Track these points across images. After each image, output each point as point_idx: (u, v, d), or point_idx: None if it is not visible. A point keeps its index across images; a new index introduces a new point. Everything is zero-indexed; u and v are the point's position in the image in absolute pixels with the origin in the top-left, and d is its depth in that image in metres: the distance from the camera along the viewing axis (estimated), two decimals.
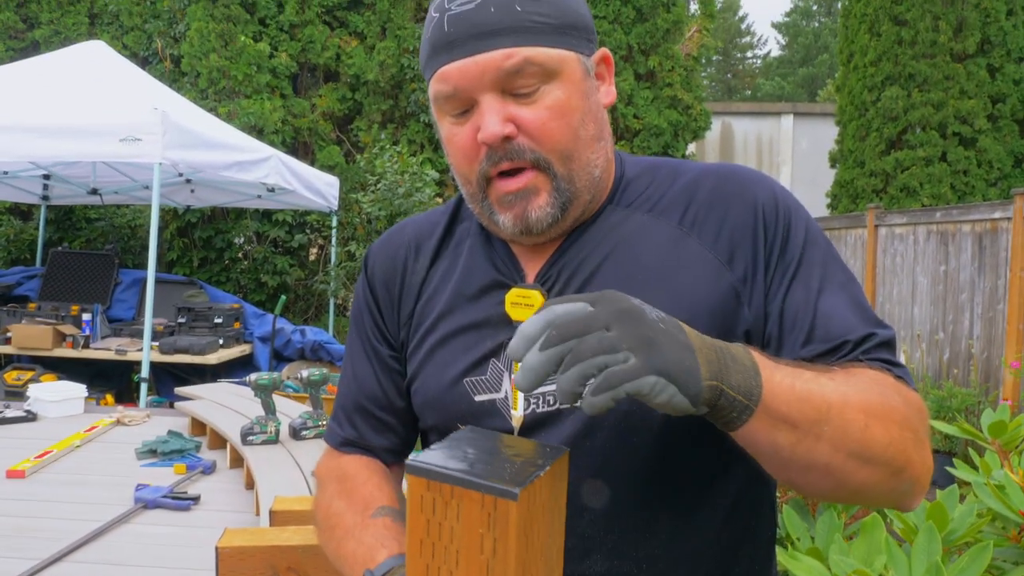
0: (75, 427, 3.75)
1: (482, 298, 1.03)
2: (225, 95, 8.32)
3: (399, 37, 8.68)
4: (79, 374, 6.02)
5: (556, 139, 0.94)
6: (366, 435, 1.13)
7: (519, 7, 0.92)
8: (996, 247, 6.32)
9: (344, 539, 0.99)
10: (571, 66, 0.95)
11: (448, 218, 1.12)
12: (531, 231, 0.97)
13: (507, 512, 0.69)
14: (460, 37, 0.93)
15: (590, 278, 0.98)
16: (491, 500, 0.69)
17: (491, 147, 0.93)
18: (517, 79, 0.92)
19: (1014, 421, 1.76)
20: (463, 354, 1.02)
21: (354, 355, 1.16)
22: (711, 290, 0.95)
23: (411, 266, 1.11)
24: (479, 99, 0.94)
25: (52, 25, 8.58)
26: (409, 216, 5.79)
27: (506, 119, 0.93)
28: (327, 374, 3.30)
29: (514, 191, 0.95)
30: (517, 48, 0.92)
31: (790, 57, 32.26)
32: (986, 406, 5.78)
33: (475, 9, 0.92)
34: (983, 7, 9.38)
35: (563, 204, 0.96)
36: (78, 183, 6.80)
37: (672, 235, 0.99)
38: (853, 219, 8.33)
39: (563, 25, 0.95)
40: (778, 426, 0.77)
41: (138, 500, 2.72)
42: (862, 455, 0.81)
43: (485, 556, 0.70)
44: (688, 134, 9.21)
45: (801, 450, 0.79)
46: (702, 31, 9.51)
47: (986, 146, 9.38)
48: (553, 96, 0.94)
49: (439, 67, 0.95)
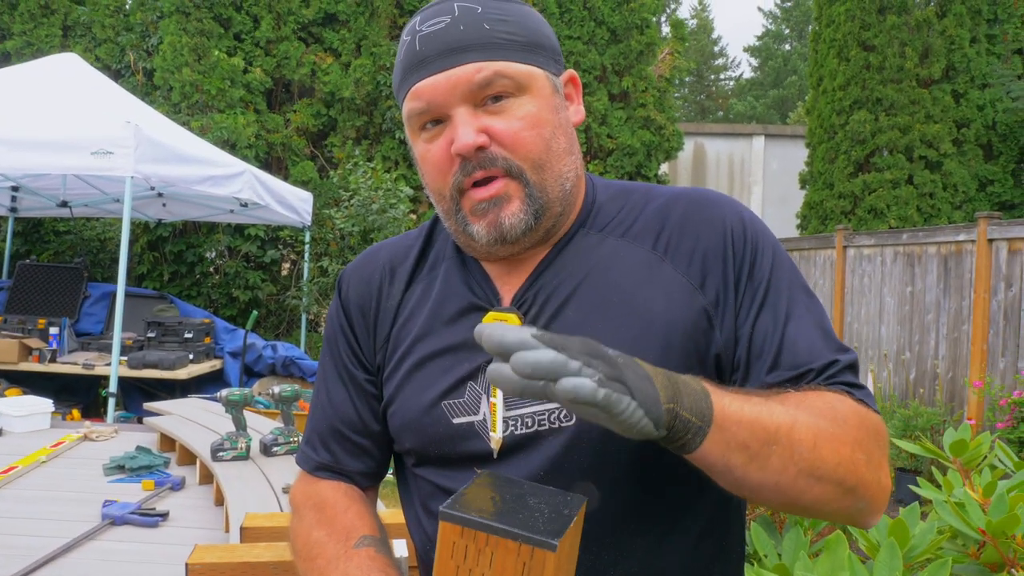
0: (41, 442, 3.70)
1: (459, 321, 1.03)
2: (198, 109, 8.29)
3: (374, 54, 8.70)
4: (45, 388, 5.93)
5: (528, 148, 0.96)
6: (341, 460, 1.12)
7: (487, 25, 0.95)
8: (961, 269, 6.44)
9: (326, 570, 0.99)
10: (540, 82, 0.98)
11: (422, 241, 1.13)
12: (505, 239, 0.98)
13: (543, 562, 0.70)
14: (431, 55, 0.95)
15: (566, 301, 0.99)
16: (528, 550, 0.71)
17: (464, 158, 0.95)
18: (488, 91, 0.95)
19: (975, 440, 1.80)
20: (440, 377, 1.02)
21: (328, 379, 1.15)
22: (685, 314, 0.97)
23: (386, 290, 1.11)
24: (452, 113, 0.96)
25: (24, 36, 8.51)
26: (382, 232, 5.75)
27: (479, 130, 0.95)
28: (299, 390, 3.29)
29: (487, 198, 0.97)
30: (487, 63, 0.95)
31: (762, 79, 32.72)
32: (951, 425, 5.86)
33: (445, 28, 0.95)
34: (948, 34, 9.60)
35: (536, 212, 0.98)
36: (47, 195, 6.73)
37: (646, 259, 1.00)
38: (822, 240, 8.45)
39: (530, 43, 0.98)
40: (731, 447, 0.80)
41: (105, 516, 2.69)
42: (812, 474, 0.84)
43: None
44: (661, 154, 9.31)
45: (753, 469, 0.82)
46: (674, 54, 9.64)
47: (951, 170, 9.57)
48: (524, 108, 0.96)
49: (412, 85, 0.97)
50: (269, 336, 8.37)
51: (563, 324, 0.98)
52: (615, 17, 9.07)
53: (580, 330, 0.95)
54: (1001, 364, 5.94)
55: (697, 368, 0.95)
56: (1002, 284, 5.98)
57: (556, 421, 0.96)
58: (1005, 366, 5.90)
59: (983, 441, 1.80)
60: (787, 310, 0.97)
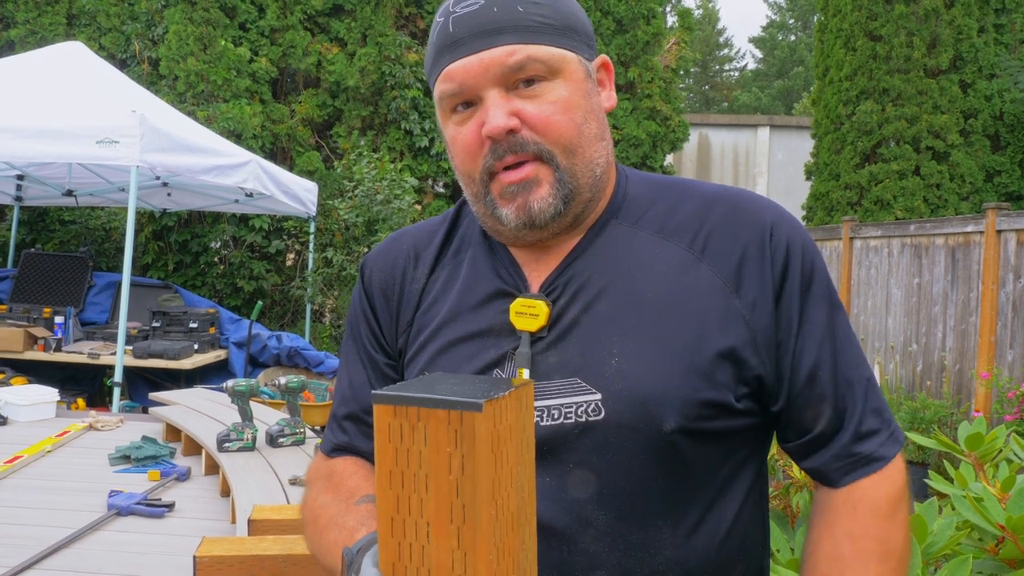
0: (47, 431, 3.69)
1: (486, 307, 1.02)
2: (203, 99, 8.26)
3: (380, 44, 8.66)
4: (50, 378, 5.93)
5: (559, 132, 0.95)
6: (356, 441, 1.12)
7: (521, 8, 0.94)
8: (968, 260, 6.41)
9: (327, 528, 0.99)
10: (572, 66, 0.97)
11: (447, 227, 1.12)
12: (534, 223, 0.96)
13: (472, 425, 0.68)
14: (464, 36, 0.94)
15: (599, 295, 0.98)
16: (457, 415, 0.68)
17: (495, 141, 0.94)
18: (520, 75, 0.94)
19: (990, 434, 1.78)
20: (466, 362, 1.01)
21: (349, 363, 1.15)
22: (720, 315, 0.95)
23: (410, 274, 1.10)
24: (484, 95, 0.95)
25: (28, 25, 8.48)
26: (387, 223, 5.74)
27: (510, 113, 0.94)
28: (305, 381, 3.28)
29: (516, 182, 0.95)
30: (520, 45, 0.94)
31: (766, 70, 32.58)
32: (959, 417, 5.85)
33: (479, 10, 0.94)
34: (956, 24, 9.53)
35: (565, 196, 0.96)
36: (53, 184, 6.72)
37: (682, 259, 0.98)
38: (828, 231, 8.42)
39: (564, 27, 0.97)
40: None
41: (111, 507, 2.69)
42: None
43: (454, 476, 0.69)
44: (666, 145, 9.27)
45: None
46: (680, 43, 9.59)
47: (958, 160, 9.52)
48: (556, 92, 0.95)
49: (445, 66, 0.96)
50: (274, 326, 8.36)
51: (595, 317, 0.96)
52: (621, 7, 9.02)
53: (613, 324, 0.95)
54: (1009, 356, 5.91)
55: (727, 367, 0.94)
56: (1011, 275, 5.94)
57: (584, 415, 0.94)
58: (1013, 358, 5.88)
59: (998, 435, 1.78)
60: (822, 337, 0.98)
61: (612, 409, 0.93)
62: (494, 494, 0.70)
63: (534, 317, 0.96)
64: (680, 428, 0.92)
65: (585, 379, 0.94)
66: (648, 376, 0.92)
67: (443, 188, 9.18)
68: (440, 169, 8.87)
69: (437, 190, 9.14)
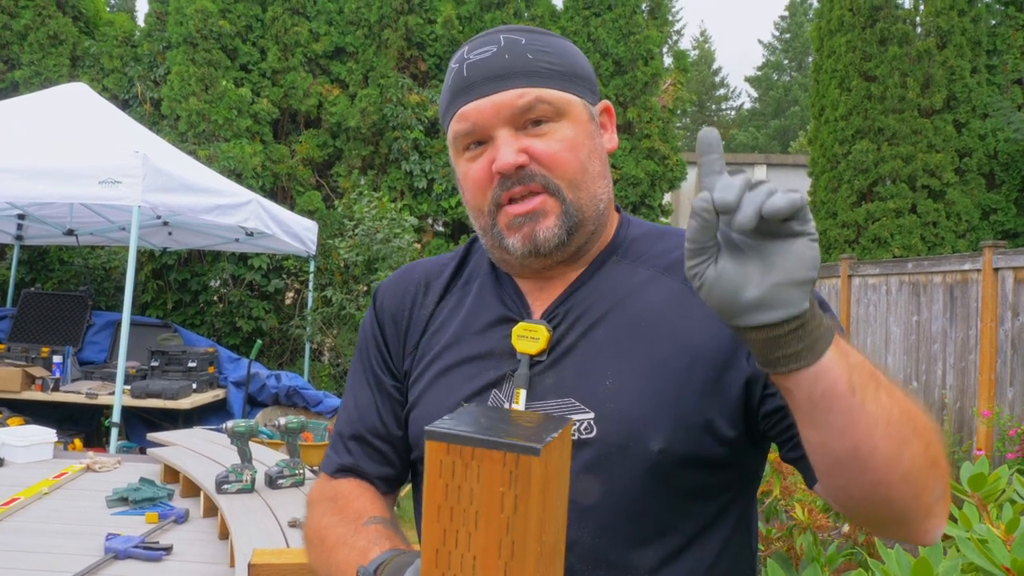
0: (44, 473, 3.67)
1: (489, 332, 1.07)
2: (204, 138, 8.33)
3: (381, 85, 8.76)
4: (46, 417, 5.90)
5: (566, 168, 1.02)
6: (361, 462, 1.15)
7: (530, 55, 1.02)
8: (967, 298, 6.42)
9: (336, 548, 1.01)
10: (577, 108, 1.04)
11: (458, 260, 1.18)
12: (538, 251, 1.02)
13: (529, 468, 0.71)
14: (477, 80, 1.02)
15: (597, 322, 1.03)
16: (513, 458, 0.72)
17: (504, 175, 1.00)
18: (529, 115, 1.01)
19: (993, 474, 1.77)
20: (466, 383, 1.05)
21: (356, 384, 1.19)
22: (712, 343, 0.99)
23: (420, 300, 1.16)
24: (495, 134, 1.01)
25: (33, 66, 8.58)
26: (386, 262, 5.76)
27: (520, 150, 1.00)
28: (304, 421, 3.27)
29: (523, 213, 1.01)
30: (529, 88, 1.01)
31: (762, 109, 32.92)
32: (960, 456, 5.81)
33: (491, 57, 1.02)
34: (949, 65, 9.66)
35: (569, 228, 1.02)
36: (54, 223, 6.75)
37: (678, 289, 1.03)
38: (827, 269, 8.45)
39: (569, 73, 1.05)
40: (851, 365, 0.78)
41: (108, 550, 2.66)
42: (910, 421, 0.82)
43: (506, 514, 0.72)
44: (665, 184, 9.34)
45: (870, 395, 0.79)
46: (676, 84, 9.70)
47: (954, 199, 9.59)
48: (562, 132, 1.02)
49: (459, 108, 1.03)
50: (273, 365, 8.34)
51: (591, 342, 1.01)
52: (620, 48, 9.13)
53: (608, 348, 0.99)
54: (1009, 393, 5.90)
55: (717, 394, 0.97)
56: (1009, 313, 5.95)
57: (576, 433, 0.97)
58: (1013, 396, 5.86)
59: (1001, 475, 1.78)
60: None
61: (603, 428, 0.96)
62: (541, 531, 0.73)
63: (534, 341, 1.01)
64: (667, 449, 0.95)
65: (579, 399, 0.98)
66: (639, 397, 0.96)
67: (443, 227, 9.21)
68: (440, 208, 8.92)
69: (437, 229, 9.18)
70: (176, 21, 8.49)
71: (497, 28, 1.06)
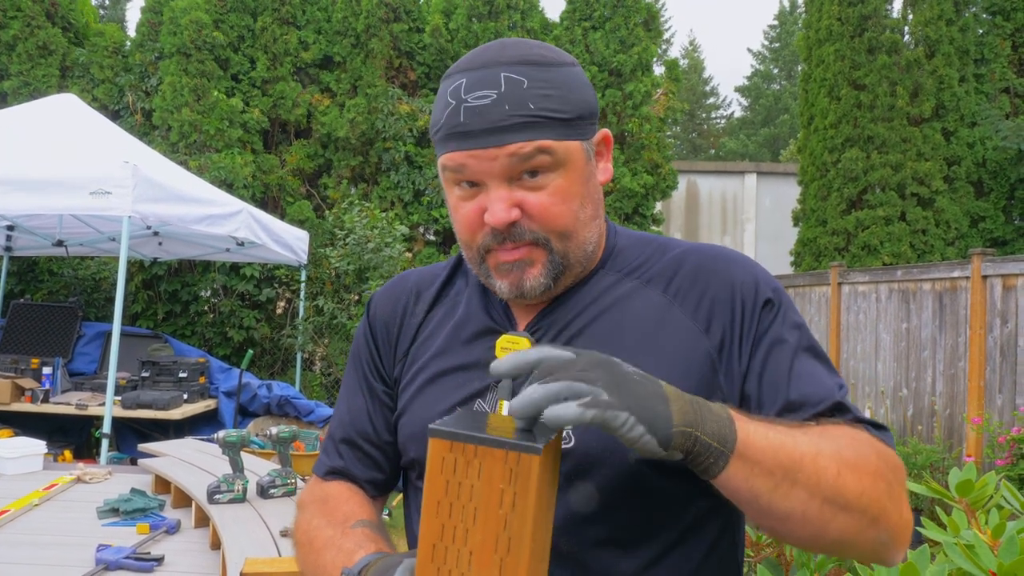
0: (33, 484, 3.65)
1: (475, 343, 1.09)
2: (196, 149, 8.33)
3: (369, 95, 8.77)
4: (36, 429, 5.86)
5: (557, 222, 1.01)
6: (351, 466, 1.18)
7: (532, 104, 0.97)
8: (956, 305, 6.46)
9: (323, 550, 1.03)
10: (575, 155, 1.02)
11: (449, 271, 1.20)
12: (524, 297, 1.04)
13: (529, 467, 0.75)
14: (475, 130, 0.98)
15: (578, 333, 1.05)
16: (515, 456, 0.75)
17: (495, 228, 1.00)
18: (525, 166, 0.98)
19: (980, 480, 1.79)
20: (452, 392, 1.08)
21: (349, 390, 1.22)
22: (690, 355, 1.01)
23: (411, 309, 1.18)
24: (488, 184, 1.00)
25: (21, 77, 8.56)
26: (377, 271, 5.77)
27: (512, 205, 0.99)
28: (296, 431, 3.26)
29: (511, 261, 1.02)
30: (528, 142, 0.97)
31: (752, 118, 33.06)
32: (950, 463, 5.84)
33: (491, 105, 0.97)
34: (938, 74, 9.73)
35: (555, 275, 1.04)
36: (43, 234, 6.72)
37: (657, 302, 1.05)
38: (817, 277, 8.48)
39: (572, 117, 1.01)
40: (755, 473, 0.83)
41: (99, 561, 2.65)
42: (837, 502, 0.86)
43: (504, 511, 0.75)
44: (657, 193, 9.37)
45: (778, 496, 0.84)
46: (668, 94, 9.74)
47: (943, 206, 9.65)
48: (556, 184, 1.00)
49: (451, 151, 1.00)
50: (264, 375, 8.32)
51: None
52: (619, 59, 9.16)
53: None
54: (999, 400, 5.93)
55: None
56: (997, 320, 5.99)
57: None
58: (1003, 402, 5.90)
59: (989, 481, 1.79)
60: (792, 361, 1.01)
61: (580, 438, 0.99)
62: (535, 529, 0.76)
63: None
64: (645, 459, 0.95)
65: None
66: None
67: (434, 236, 9.22)
68: (431, 218, 8.93)
69: (428, 238, 9.19)
70: (169, 31, 8.49)
71: (496, 57, 0.99)
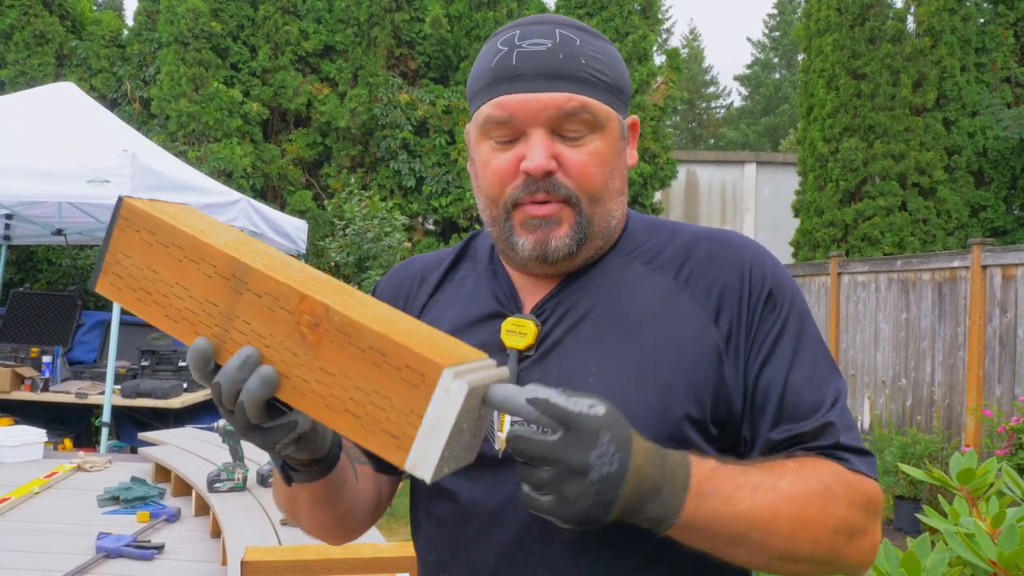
0: (34, 473, 3.65)
1: (480, 326, 1.08)
2: (195, 139, 8.30)
3: (371, 84, 8.74)
4: (36, 417, 5.87)
5: (591, 182, 1.01)
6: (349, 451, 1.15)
7: (583, 60, 1.00)
8: (955, 295, 6.46)
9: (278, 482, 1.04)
10: (613, 123, 1.03)
11: (455, 255, 1.19)
12: (547, 258, 1.02)
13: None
14: (527, 73, 0.99)
15: (584, 317, 1.03)
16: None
17: (531, 177, 0.99)
18: (569, 122, 0.99)
19: (981, 468, 1.78)
20: None
21: None
22: (697, 343, 1.00)
23: (414, 292, 1.18)
24: (530, 132, 0.99)
25: (18, 66, 8.53)
26: (377, 261, 5.78)
27: (551, 155, 0.99)
28: None
29: (541, 216, 1.01)
30: (577, 95, 0.99)
31: (752, 107, 32.97)
32: (949, 452, 5.84)
33: (545, 52, 0.99)
34: (941, 63, 9.70)
35: (580, 239, 1.02)
36: (42, 223, 6.71)
37: (666, 288, 1.04)
38: (816, 267, 8.48)
39: (615, 86, 1.03)
40: (694, 539, 0.88)
41: (100, 549, 2.65)
42: (786, 557, 0.91)
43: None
44: (656, 183, 9.36)
45: (719, 552, 0.90)
46: (668, 83, 9.72)
47: (944, 196, 9.63)
48: (595, 145, 1.01)
49: (499, 95, 1.00)
50: None
51: (578, 337, 1.02)
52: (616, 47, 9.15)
53: (594, 345, 1.00)
54: (998, 390, 5.94)
55: (701, 394, 0.98)
56: (997, 310, 5.99)
57: None
58: (1002, 392, 5.90)
59: (990, 468, 1.79)
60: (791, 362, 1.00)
61: None
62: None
63: (522, 336, 1.02)
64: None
65: None
66: (622, 394, 0.95)
67: (433, 226, 9.21)
68: (430, 207, 8.91)
69: (427, 227, 9.18)
70: (167, 20, 8.46)
71: (551, 18, 1.03)
